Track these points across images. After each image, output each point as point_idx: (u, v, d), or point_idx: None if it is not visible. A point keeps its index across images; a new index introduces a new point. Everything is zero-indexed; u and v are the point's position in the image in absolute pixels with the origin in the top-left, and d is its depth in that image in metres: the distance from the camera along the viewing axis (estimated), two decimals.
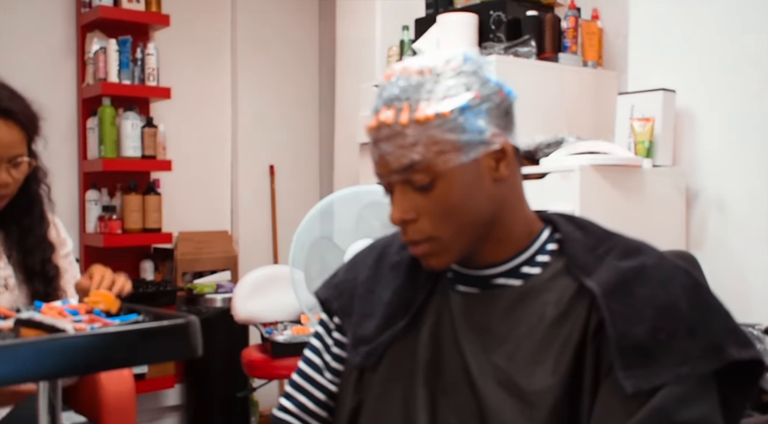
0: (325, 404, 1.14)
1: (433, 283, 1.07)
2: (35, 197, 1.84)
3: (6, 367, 0.97)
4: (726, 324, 0.92)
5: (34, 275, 1.81)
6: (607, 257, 0.98)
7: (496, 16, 2.91)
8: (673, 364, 0.88)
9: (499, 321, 0.99)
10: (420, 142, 0.93)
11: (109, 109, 3.34)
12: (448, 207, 0.96)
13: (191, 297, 3.63)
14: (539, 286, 0.99)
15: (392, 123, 0.95)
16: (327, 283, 1.18)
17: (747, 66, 2.64)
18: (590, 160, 2.49)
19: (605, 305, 0.92)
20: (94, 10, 3.39)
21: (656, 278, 0.93)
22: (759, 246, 2.61)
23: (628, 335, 0.89)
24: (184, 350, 1.15)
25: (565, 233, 1.03)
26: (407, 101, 0.94)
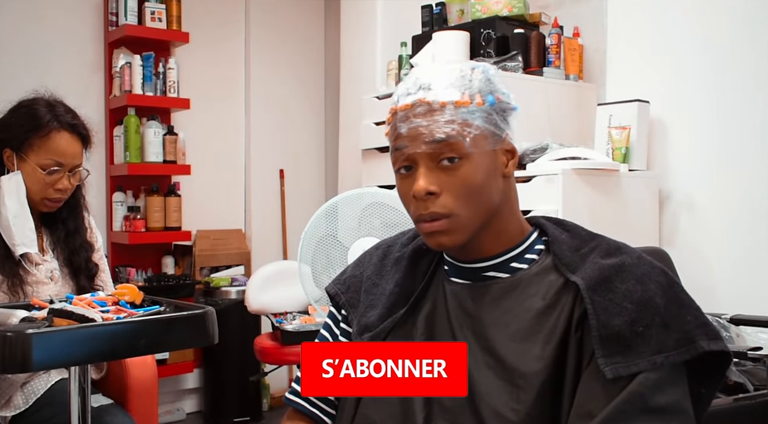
0: None
1: (431, 275, 1.07)
2: (78, 202, 1.89)
3: (41, 353, 0.98)
4: (697, 319, 0.92)
5: (80, 271, 1.85)
6: (591, 255, 0.98)
7: (486, 33, 2.91)
8: (650, 353, 0.88)
9: (489, 309, 0.99)
10: (455, 121, 0.95)
11: (133, 119, 3.34)
12: (470, 187, 0.95)
13: (208, 290, 3.63)
14: (527, 279, 0.99)
15: (431, 101, 0.95)
16: (336, 279, 1.18)
17: (714, 80, 2.65)
18: (572, 165, 2.49)
19: (588, 297, 0.92)
20: (121, 28, 3.39)
21: (635, 274, 0.93)
22: (725, 243, 2.62)
23: (609, 326, 0.89)
24: (202, 338, 1.15)
25: (552, 235, 1.03)
26: (443, 87, 0.96)
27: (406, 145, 0.96)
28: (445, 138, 0.94)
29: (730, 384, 1.78)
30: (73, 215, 1.87)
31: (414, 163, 0.97)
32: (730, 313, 2.18)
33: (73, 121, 1.78)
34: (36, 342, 0.98)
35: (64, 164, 1.76)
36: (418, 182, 0.95)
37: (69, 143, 1.77)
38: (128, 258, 3.51)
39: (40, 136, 1.74)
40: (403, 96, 0.99)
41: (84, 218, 1.91)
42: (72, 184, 1.80)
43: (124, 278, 3.41)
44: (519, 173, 2.58)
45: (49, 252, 1.83)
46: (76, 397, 1.14)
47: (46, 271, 1.80)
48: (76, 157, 1.79)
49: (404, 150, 0.97)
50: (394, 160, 1.00)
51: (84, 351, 1.04)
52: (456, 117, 0.95)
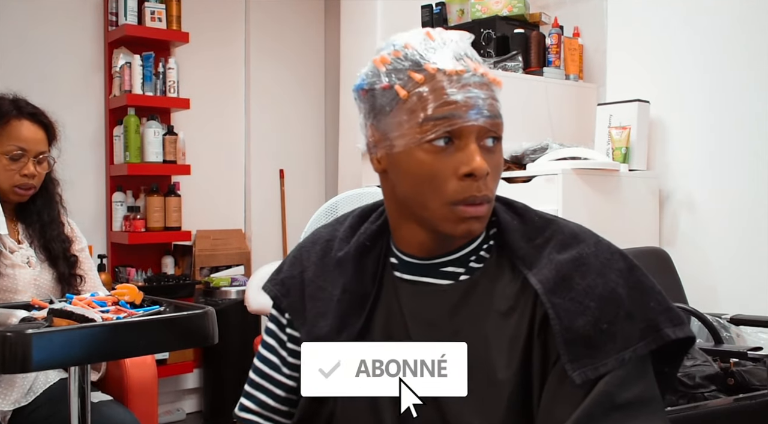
0: (286, 399, 1.05)
1: (380, 275, 0.98)
2: (52, 197, 1.92)
3: (40, 353, 0.98)
4: (660, 304, 0.89)
5: (57, 258, 1.87)
6: (546, 248, 0.92)
7: (486, 33, 2.91)
8: (616, 350, 0.85)
9: (448, 317, 0.92)
10: (498, 101, 0.90)
11: (133, 119, 3.34)
12: (500, 171, 0.92)
13: (208, 290, 3.63)
14: (484, 281, 0.93)
15: (486, 73, 0.89)
16: (273, 279, 1.07)
17: (716, 80, 2.65)
18: (572, 165, 2.49)
19: (548, 301, 0.87)
20: (120, 28, 3.39)
21: (595, 267, 0.89)
22: (725, 243, 2.62)
23: (572, 329, 0.85)
24: (202, 338, 1.15)
25: (504, 221, 0.95)
26: (479, 62, 0.90)
27: (460, 115, 0.85)
28: (499, 116, 0.89)
29: (731, 384, 1.78)
30: (48, 207, 1.91)
31: (459, 137, 0.86)
32: (731, 313, 2.18)
33: (33, 111, 1.84)
34: (36, 342, 0.98)
35: (27, 150, 1.81)
36: (476, 159, 0.85)
37: (30, 130, 1.83)
38: (128, 258, 3.51)
39: (2, 125, 1.80)
40: (445, 58, 0.88)
41: (60, 213, 1.95)
42: (38, 171, 1.84)
43: (124, 278, 3.41)
44: (519, 173, 2.58)
45: (25, 242, 1.87)
46: (75, 397, 1.14)
47: (21, 256, 1.83)
48: (38, 143, 1.84)
49: (456, 120, 0.85)
50: (431, 127, 0.86)
51: (84, 351, 1.04)
52: (497, 96, 0.90)
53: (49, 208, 1.91)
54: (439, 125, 0.85)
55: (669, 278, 2.38)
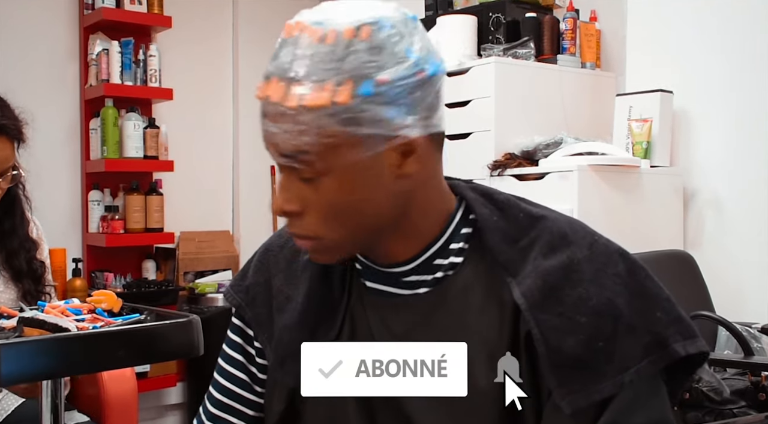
0: (258, 419, 1.02)
1: (348, 283, 0.94)
2: (15, 199, 1.84)
3: (9, 366, 0.97)
4: (669, 313, 0.83)
5: (22, 274, 1.82)
6: (532, 251, 0.86)
7: (495, 17, 2.91)
8: (615, 372, 0.79)
9: (419, 331, 0.88)
10: (310, 131, 0.77)
11: (111, 111, 3.34)
12: (336, 207, 0.82)
13: (193, 296, 3.63)
14: (458, 289, 0.88)
15: (280, 101, 0.78)
16: (236, 285, 1.02)
17: (744, 67, 2.65)
18: (588, 161, 2.49)
19: (533, 318, 0.81)
20: (97, 12, 3.39)
21: (588, 273, 0.83)
22: (755, 246, 2.61)
23: (562, 350, 0.80)
24: (186, 349, 1.14)
25: (481, 216, 0.89)
26: (297, 76, 0.78)
27: (268, 151, 0.83)
28: (296, 153, 0.79)
29: (762, 399, 1.78)
30: (10, 213, 1.82)
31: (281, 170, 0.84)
32: (762, 322, 2.18)
33: (1, 121, 1.70)
34: (5, 354, 0.98)
35: None
36: (276, 198, 0.84)
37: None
38: (105, 262, 3.51)
39: None
40: (264, 75, 0.82)
41: (24, 214, 1.87)
42: (2, 188, 1.74)
43: (101, 283, 3.41)
44: (530, 170, 2.58)
45: None
46: (48, 414, 1.14)
47: None
48: (5, 161, 1.71)
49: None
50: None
51: (57, 364, 1.04)
52: (311, 124, 0.77)
53: (10, 214, 1.82)
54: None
55: (694, 283, 2.38)
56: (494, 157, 2.67)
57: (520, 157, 2.65)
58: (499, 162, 2.65)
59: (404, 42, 0.80)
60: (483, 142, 2.69)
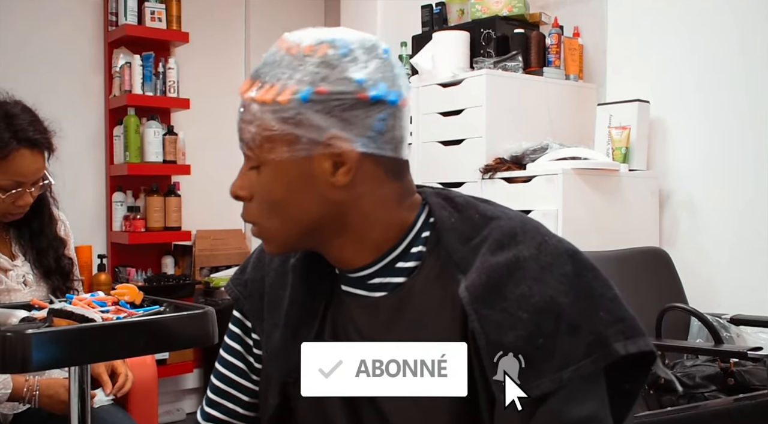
0: (254, 405, 1.02)
1: (329, 285, 0.93)
2: (43, 199, 1.81)
3: (40, 353, 0.97)
4: (611, 313, 0.79)
5: (51, 272, 1.80)
6: (482, 248, 0.82)
7: (486, 33, 2.91)
8: (554, 369, 0.76)
9: (385, 331, 0.86)
10: (254, 122, 0.83)
11: (133, 119, 3.34)
12: (270, 197, 0.84)
13: (208, 290, 3.63)
14: (417, 289, 0.86)
15: (242, 94, 0.85)
16: (236, 278, 1.03)
17: (714, 80, 2.65)
18: (572, 165, 2.49)
19: (474, 312, 0.78)
20: (120, 28, 3.39)
21: (532, 271, 0.79)
22: (725, 243, 2.62)
23: (501, 344, 0.77)
24: (202, 338, 1.15)
25: (440, 218, 0.87)
26: (262, 77, 0.83)
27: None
28: (242, 141, 0.85)
29: (731, 384, 1.78)
30: (38, 214, 1.80)
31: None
32: (731, 313, 2.18)
33: (34, 136, 1.66)
34: (36, 342, 0.98)
35: (24, 183, 1.67)
36: (233, 182, 0.88)
37: (30, 162, 1.66)
38: (128, 258, 3.51)
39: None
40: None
41: (52, 214, 1.85)
42: (34, 196, 1.72)
43: (123, 278, 3.41)
44: (519, 173, 2.58)
45: (19, 256, 1.79)
46: (75, 397, 1.14)
47: (17, 277, 1.76)
48: (38, 172, 1.69)
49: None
50: None
51: (84, 351, 1.04)
52: (256, 117, 0.82)
53: (39, 215, 1.80)
54: None
55: (669, 278, 2.39)
56: (485, 161, 2.67)
57: (510, 161, 2.65)
58: (490, 166, 2.65)
59: (355, 64, 0.82)
60: (475, 148, 2.70)
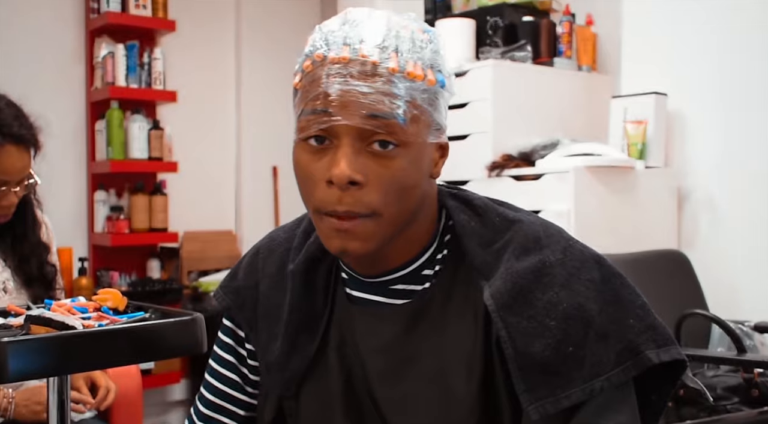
0: (251, 418, 1.02)
1: (333, 292, 0.92)
2: (26, 202, 1.81)
3: (17, 363, 0.97)
4: (642, 320, 0.80)
5: (32, 280, 1.80)
6: (505, 253, 0.83)
7: (493, 21, 2.91)
8: (585, 379, 0.76)
9: (403, 340, 0.86)
10: (404, 98, 0.77)
11: (116, 112, 3.34)
12: (401, 183, 0.79)
13: (196, 295, 3.63)
14: (438, 297, 0.86)
15: (378, 63, 0.77)
16: (226, 286, 1.00)
17: (737, 70, 2.65)
18: (584, 162, 2.49)
19: (501, 319, 0.79)
20: (103, 16, 3.39)
21: (560, 277, 0.80)
22: (748, 245, 2.61)
23: (529, 354, 0.77)
24: (190, 346, 1.14)
25: (459, 222, 0.87)
26: (394, 49, 0.78)
27: (332, 112, 0.77)
28: (387, 116, 0.76)
29: (755, 396, 1.78)
30: (21, 218, 1.79)
31: (335, 136, 0.79)
32: (755, 320, 2.18)
33: (19, 132, 1.66)
34: (12, 351, 0.98)
35: (9, 182, 1.67)
36: (340, 164, 0.77)
37: (15, 159, 1.66)
38: (111, 261, 3.51)
39: None
40: (337, 43, 0.79)
41: (36, 217, 1.85)
42: (19, 196, 1.72)
43: (106, 282, 3.41)
44: (528, 171, 2.58)
45: (0, 262, 1.79)
46: (54, 410, 1.14)
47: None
48: (24, 170, 1.70)
49: (326, 116, 0.78)
50: (306, 124, 0.80)
51: (63, 361, 1.03)
52: (405, 93, 0.77)
53: (22, 219, 1.80)
54: (311, 121, 0.80)
55: (688, 282, 2.38)
56: (492, 158, 2.67)
57: (518, 158, 2.65)
58: (497, 163, 2.65)
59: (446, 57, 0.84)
60: (481, 144, 2.70)
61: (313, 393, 0.91)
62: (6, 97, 1.73)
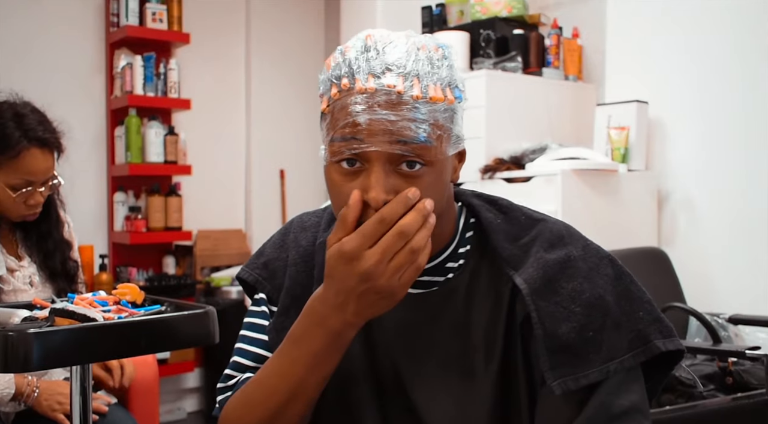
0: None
1: None
2: (50, 202, 1.82)
3: (42, 352, 0.98)
4: (650, 314, 0.85)
5: (56, 275, 1.81)
6: (533, 247, 0.87)
7: (485, 34, 2.91)
8: (601, 361, 0.81)
9: (427, 324, 0.89)
10: (428, 121, 0.78)
11: (134, 119, 3.34)
12: (438, 197, 0.82)
13: (209, 289, 3.63)
14: (463, 286, 0.89)
15: (403, 91, 0.78)
16: (252, 263, 1.00)
17: (714, 79, 2.65)
18: (571, 165, 2.49)
19: (533, 303, 0.83)
20: (122, 29, 3.39)
21: (582, 270, 0.85)
22: (723, 242, 2.62)
23: (556, 335, 0.81)
24: (203, 338, 1.15)
25: (486, 220, 0.90)
26: (416, 74, 0.79)
27: (362, 139, 0.78)
28: (415, 140, 0.78)
29: (730, 383, 1.78)
30: (46, 216, 1.80)
31: (366, 160, 0.79)
32: (729, 312, 2.18)
33: (44, 135, 1.68)
34: (37, 341, 0.98)
35: (35, 182, 1.68)
36: (375, 189, 0.78)
37: (40, 161, 1.68)
38: (129, 258, 3.51)
39: (10, 157, 1.64)
40: (362, 73, 0.79)
41: (59, 216, 1.86)
42: (44, 196, 1.73)
43: (125, 277, 3.41)
44: (518, 174, 2.58)
45: (26, 257, 1.79)
46: (77, 396, 1.14)
47: (23, 277, 1.76)
48: (48, 171, 1.71)
49: (357, 144, 0.78)
50: (337, 149, 0.80)
51: (85, 350, 1.04)
52: (428, 116, 0.79)
53: (47, 217, 1.81)
54: (343, 147, 0.79)
55: (667, 277, 2.39)
56: (485, 161, 2.67)
57: (509, 161, 2.65)
58: (490, 166, 2.65)
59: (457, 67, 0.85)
60: (475, 148, 2.70)
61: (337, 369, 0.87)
62: (30, 104, 1.74)
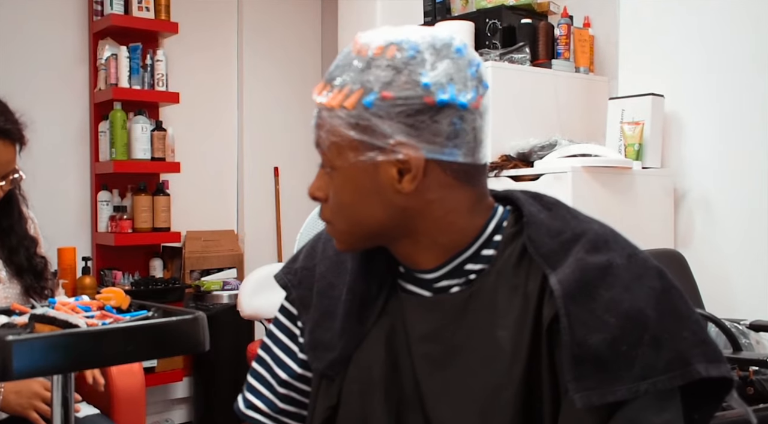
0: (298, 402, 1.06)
1: (390, 282, 0.96)
2: (12, 198, 1.83)
3: (22, 361, 0.97)
4: (696, 335, 0.81)
5: (23, 270, 1.82)
6: (575, 246, 0.86)
7: (491, 23, 2.91)
8: (632, 379, 0.78)
9: (451, 330, 0.89)
10: (325, 126, 0.87)
11: (120, 114, 3.34)
12: (339, 200, 0.89)
13: (199, 294, 3.63)
14: (486, 288, 0.89)
15: (315, 98, 0.89)
16: (287, 267, 1.07)
17: (733, 72, 2.65)
18: (582, 163, 2.49)
19: (564, 307, 0.81)
20: (106, 18, 3.39)
21: (623, 279, 0.82)
22: (743, 244, 2.61)
23: (585, 344, 0.79)
24: (192, 345, 1.15)
25: (529, 213, 0.90)
26: (332, 81, 0.87)
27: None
28: (318, 145, 0.89)
29: (751, 394, 1.78)
30: (7, 212, 1.81)
31: None
32: (750, 318, 2.18)
33: (4, 126, 1.68)
34: (16, 349, 0.98)
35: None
36: (311, 183, 0.93)
37: (1, 152, 1.68)
38: (114, 260, 3.51)
39: None
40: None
41: (21, 212, 1.86)
42: (4, 190, 1.73)
43: (109, 281, 3.41)
44: (526, 171, 2.58)
45: None
46: (58, 407, 1.14)
47: None
48: (9, 164, 1.71)
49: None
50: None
51: (67, 359, 1.04)
52: (326, 122, 0.87)
53: (8, 212, 1.81)
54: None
55: (684, 281, 2.38)
56: (491, 158, 2.67)
57: (516, 158, 2.65)
58: (496, 163, 2.65)
59: (423, 67, 0.84)
60: None
61: (357, 375, 0.94)
62: None
